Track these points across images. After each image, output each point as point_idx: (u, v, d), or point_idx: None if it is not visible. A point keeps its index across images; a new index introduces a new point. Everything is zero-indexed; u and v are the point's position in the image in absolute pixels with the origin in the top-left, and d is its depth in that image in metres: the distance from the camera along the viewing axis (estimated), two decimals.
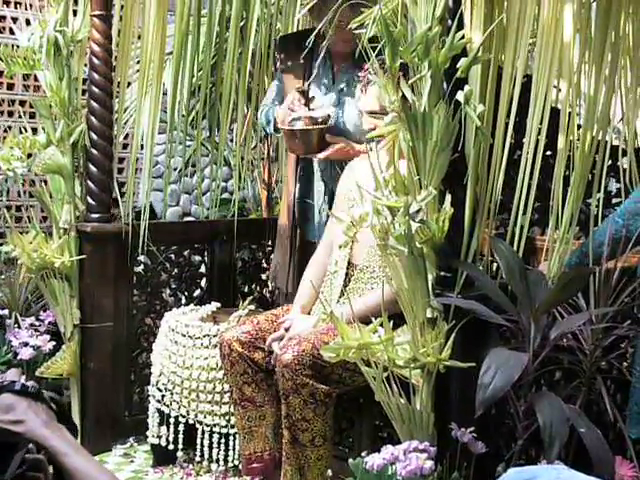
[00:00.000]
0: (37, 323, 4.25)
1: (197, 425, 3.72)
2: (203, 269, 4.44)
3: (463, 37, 2.52)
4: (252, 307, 4.03)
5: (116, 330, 4.07)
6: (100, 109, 3.94)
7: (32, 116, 5.50)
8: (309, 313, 3.47)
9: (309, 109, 3.82)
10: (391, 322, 2.61)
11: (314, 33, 3.22)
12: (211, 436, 3.71)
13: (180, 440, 3.79)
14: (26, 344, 4.10)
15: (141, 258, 4.13)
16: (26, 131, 4.08)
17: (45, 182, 4.16)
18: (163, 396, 3.78)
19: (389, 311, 2.64)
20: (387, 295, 2.77)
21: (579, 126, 2.80)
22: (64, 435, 1.61)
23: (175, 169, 5.39)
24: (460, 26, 2.55)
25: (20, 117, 4.31)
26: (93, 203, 3.99)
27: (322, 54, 3.35)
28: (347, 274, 3.42)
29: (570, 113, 2.72)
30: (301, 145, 3.82)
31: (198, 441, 3.73)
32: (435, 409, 2.65)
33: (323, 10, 3.44)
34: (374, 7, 2.58)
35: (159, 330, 3.91)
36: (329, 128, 3.76)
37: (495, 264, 2.83)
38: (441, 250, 2.62)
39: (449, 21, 2.54)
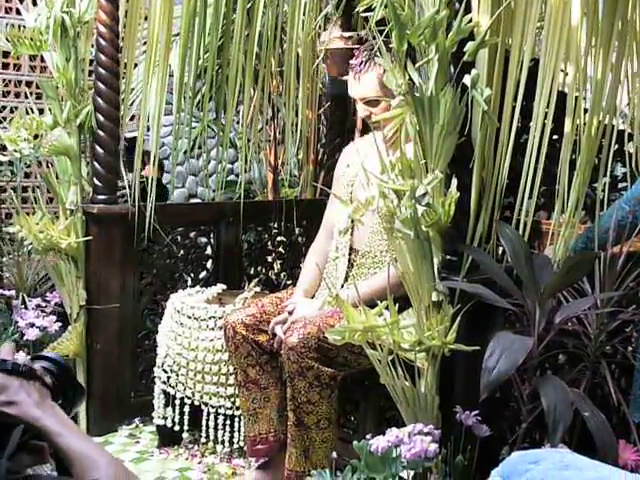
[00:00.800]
0: (43, 304, 4.27)
1: (202, 406, 3.73)
2: (209, 251, 4.45)
3: (470, 21, 2.52)
4: (257, 289, 4.05)
5: (122, 311, 4.09)
6: (107, 90, 3.94)
7: (39, 97, 5.51)
8: (312, 298, 3.48)
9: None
10: (396, 305, 2.62)
11: None
12: (216, 417, 3.72)
13: (185, 421, 3.80)
14: (32, 325, 4.12)
15: (147, 240, 4.13)
16: (33, 112, 4.08)
17: (51, 163, 4.16)
18: (169, 377, 3.79)
19: (394, 294, 2.65)
20: (392, 277, 2.77)
21: (585, 110, 2.79)
22: (57, 414, 1.59)
23: (181, 151, 5.38)
24: (467, 9, 2.54)
25: (27, 98, 4.30)
26: (99, 184, 3.99)
27: None
28: (349, 260, 3.43)
29: (577, 97, 2.72)
30: (334, 65, 3.89)
31: (203, 422, 3.75)
32: (440, 392, 2.67)
33: None
34: None
35: (165, 311, 3.92)
36: None
37: (501, 248, 2.83)
38: (447, 234, 2.62)
39: (457, 4, 2.54)
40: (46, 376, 1.64)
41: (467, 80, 2.50)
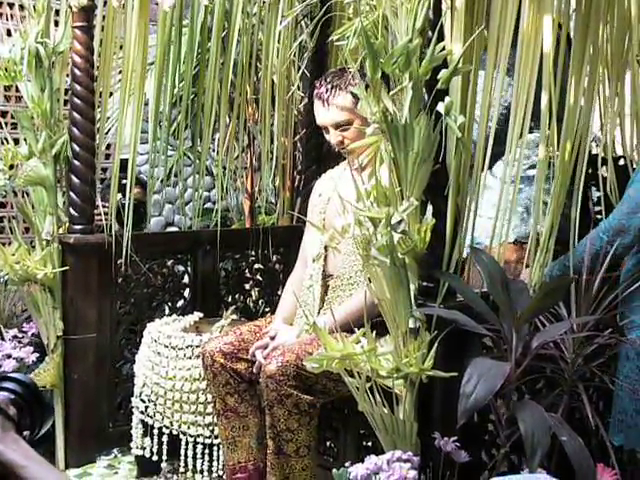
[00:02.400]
0: (20, 335, 4.24)
1: (181, 436, 3.71)
2: (186, 279, 4.43)
3: (443, 49, 2.54)
4: (235, 317, 4.03)
5: (99, 341, 4.06)
6: (82, 120, 3.93)
7: (14, 127, 5.49)
8: (291, 325, 3.48)
9: None
10: (374, 332, 2.62)
11: None
12: (195, 447, 3.70)
13: (164, 451, 3.78)
14: (9, 356, 4.08)
15: (124, 269, 4.11)
16: (8, 142, 4.07)
17: (27, 193, 4.15)
18: (147, 407, 3.77)
19: (370, 315, 2.66)
20: (367, 299, 2.77)
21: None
22: (20, 447, 1.58)
23: (157, 179, 5.39)
24: (440, 38, 2.56)
25: (2, 128, 4.30)
26: (75, 214, 3.98)
27: None
28: (324, 285, 3.43)
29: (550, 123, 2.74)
30: None
31: (182, 452, 3.72)
32: (418, 419, 2.66)
33: None
34: (355, 19, 2.59)
35: (142, 341, 3.90)
36: None
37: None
38: (423, 260, 2.63)
39: (429, 33, 2.56)
40: (9, 407, 1.63)
41: (441, 107, 2.51)
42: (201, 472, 3.73)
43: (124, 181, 3.97)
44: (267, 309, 4.61)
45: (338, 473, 2.55)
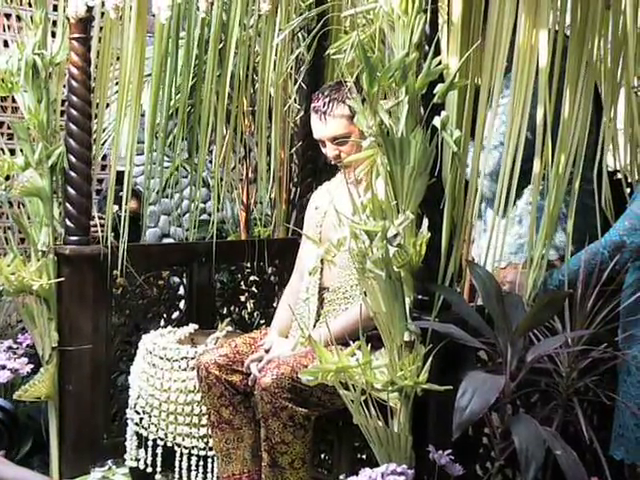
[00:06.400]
0: (15, 346, 4.23)
1: (175, 448, 3.70)
2: (182, 291, 4.43)
3: (440, 63, 2.55)
4: (230, 329, 4.03)
5: (95, 352, 4.05)
6: (78, 131, 3.94)
7: (10, 137, 5.49)
8: (286, 337, 3.48)
9: None
10: (369, 345, 2.62)
11: None
12: (189, 458, 3.69)
13: (158, 463, 3.76)
14: (4, 367, 4.07)
15: (120, 280, 4.11)
16: (4, 153, 4.07)
17: (23, 204, 4.15)
18: (141, 419, 3.76)
19: (366, 328, 2.66)
20: (362, 312, 2.78)
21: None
22: (10, 464, 1.63)
23: (154, 190, 5.39)
24: (437, 52, 2.57)
25: None
26: (71, 225, 3.98)
27: None
28: (320, 298, 3.44)
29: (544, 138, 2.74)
30: None
31: (176, 464, 3.71)
32: (413, 432, 2.66)
33: None
34: (352, 33, 2.60)
35: (137, 352, 3.90)
36: None
37: None
38: (418, 274, 2.63)
39: (426, 47, 2.57)
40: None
41: (437, 122, 2.52)
42: None
43: (121, 193, 3.97)
44: (262, 321, 4.62)
45: None
